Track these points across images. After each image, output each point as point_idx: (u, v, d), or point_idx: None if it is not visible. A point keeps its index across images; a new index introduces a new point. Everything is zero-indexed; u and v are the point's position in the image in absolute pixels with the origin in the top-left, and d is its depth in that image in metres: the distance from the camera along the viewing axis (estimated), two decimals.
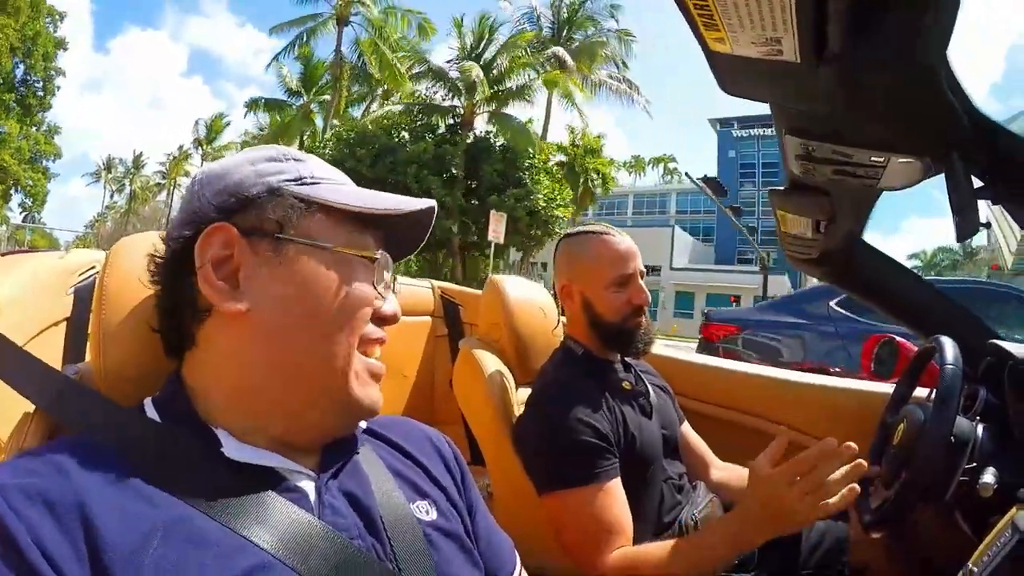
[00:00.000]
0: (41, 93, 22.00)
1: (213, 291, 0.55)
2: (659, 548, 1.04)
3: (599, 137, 26.41)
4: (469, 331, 1.97)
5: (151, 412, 0.57)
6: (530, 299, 1.50)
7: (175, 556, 0.45)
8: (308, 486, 0.56)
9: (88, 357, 0.71)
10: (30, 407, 0.69)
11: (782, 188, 0.97)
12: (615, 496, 1.10)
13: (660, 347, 1.77)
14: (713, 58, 0.47)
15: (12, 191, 22.68)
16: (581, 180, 24.30)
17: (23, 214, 27.01)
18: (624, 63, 24.83)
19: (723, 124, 49.95)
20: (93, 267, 1.07)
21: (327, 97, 23.06)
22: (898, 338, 1.31)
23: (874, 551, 1.20)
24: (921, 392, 1.19)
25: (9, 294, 0.86)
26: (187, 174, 36.60)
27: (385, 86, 21.86)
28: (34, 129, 21.96)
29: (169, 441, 0.54)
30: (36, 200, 24.85)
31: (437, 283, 2.12)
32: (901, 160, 0.60)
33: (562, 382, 1.23)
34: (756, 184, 46.45)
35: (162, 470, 0.51)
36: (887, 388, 1.41)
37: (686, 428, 1.44)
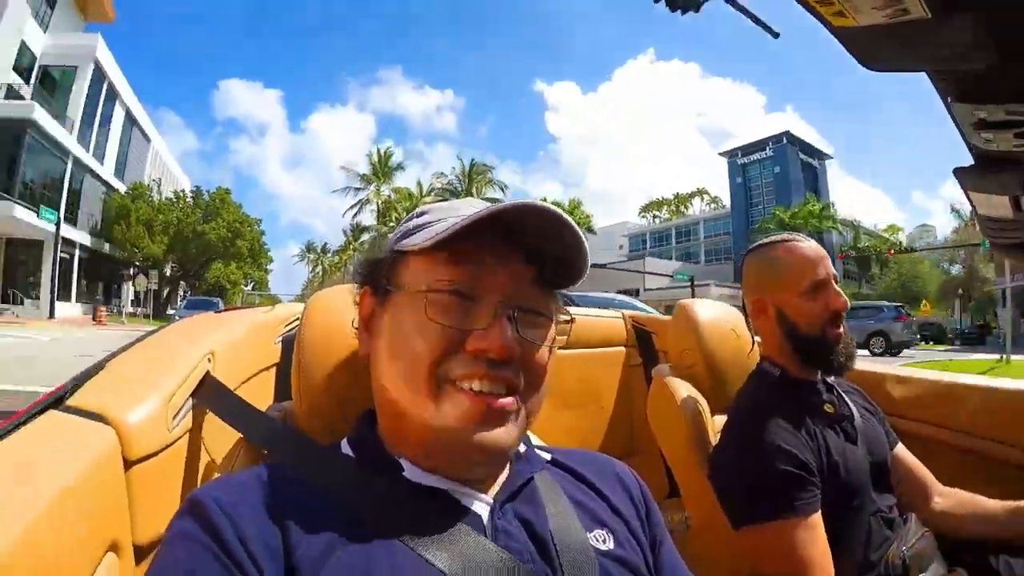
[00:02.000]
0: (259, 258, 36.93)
1: (359, 340, 0.68)
2: None
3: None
4: (663, 358, 1.94)
5: (346, 449, 0.66)
6: (721, 321, 1.46)
7: (355, 566, 0.51)
8: (483, 510, 0.60)
9: (292, 397, 0.84)
10: (236, 437, 0.82)
11: (968, 166, 0.86)
12: (816, 532, 1.02)
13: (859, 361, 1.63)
14: (842, 36, 0.46)
15: (247, 283, 37.60)
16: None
17: (252, 285, 41.91)
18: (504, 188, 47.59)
19: (730, 155, 56.90)
20: (298, 318, 1.22)
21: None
22: None
23: None
24: None
25: (223, 344, 0.99)
26: (352, 257, 50.09)
27: None
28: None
29: (357, 471, 0.61)
30: (261, 286, 43.99)
31: (628, 312, 2.14)
32: None
33: (758, 407, 1.17)
34: (762, 204, 52.53)
35: (350, 495, 0.58)
36: None
37: (900, 451, 1.30)
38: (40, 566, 0.49)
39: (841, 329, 1.17)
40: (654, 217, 70.13)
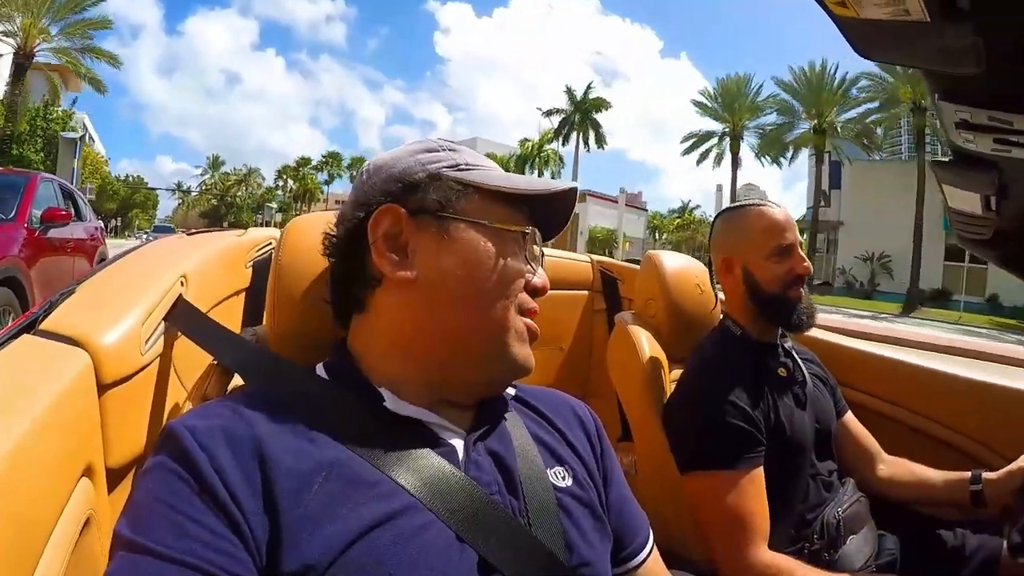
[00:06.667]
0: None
1: (386, 262, 0.64)
2: (812, 572, 1.02)
3: None
4: (627, 306, 1.95)
5: (321, 373, 0.66)
6: (687, 275, 1.48)
7: (335, 492, 0.53)
8: (457, 443, 0.62)
9: (264, 321, 0.84)
10: (207, 361, 0.82)
11: (946, 160, 0.88)
12: (756, 486, 1.09)
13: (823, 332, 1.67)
14: (842, 23, 0.46)
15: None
16: None
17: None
18: None
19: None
20: (270, 243, 1.18)
21: None
22: None
23: None
24: None
25: (195, 267, 0.97)
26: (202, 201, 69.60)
27: None
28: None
29: (336, 395, 0.62)
30: (151, 220, 64.57)
31: (597, 257, 2.13)
32: None
33: (716, 361, 1.23)
34: None
35: (329, 420, 0.59)
36: None
37: (849, 419, 1.38)
38: (19, 491, 0.48)
39: (802, 290, 1.23)
40: None
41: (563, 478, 0.67)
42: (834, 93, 29.21)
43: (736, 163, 33.97)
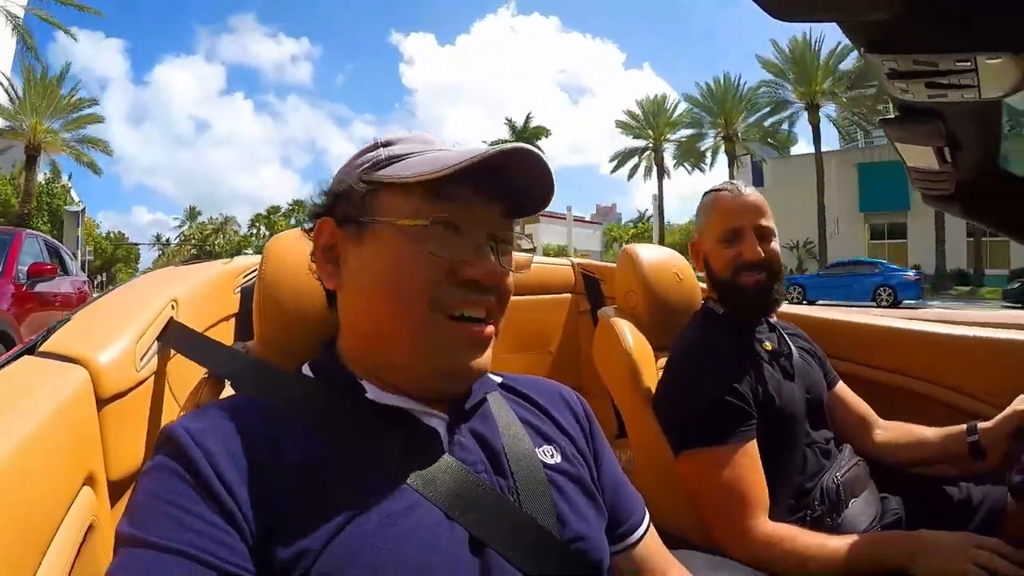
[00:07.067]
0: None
1: (321, 272, 0.68)
2: (814, 537, 1.03)
3: None
4: (611, 304, 1.99)
5: (307, 371, 0.69)
6: (664, 265, 1.51)
7: (324, 482, 0.55)
8: (440, 427, 0.64)
9: (254, 336, 0.87)
10: (199, 376, 0.85)
11: (892, 117, 0.90)
12: (751, 458, 1.09)
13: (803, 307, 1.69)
14: None
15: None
16: None
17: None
18: None
19: None
20: (255, 270, 1.19)
21: None
22: None
23: None
24: None
25: (186, 293, 1.01)
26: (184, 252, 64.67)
27: None
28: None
29: (320, 391, 0.64)
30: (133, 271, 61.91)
31: (577, 260, 2.18)
32: (988, 59, 0.55)
33: (700, 341, 1.24)
34: None
35: (316, 415, 0.61)
36: None
37: (840, 389, 1.39)
38: (19, 499, 0.50)
39: (754, 276, 1.22)
40: None
41: (551, 456, 0.69)
42: (739, 102, 31.14)
43: (662, 174, 35.36)
